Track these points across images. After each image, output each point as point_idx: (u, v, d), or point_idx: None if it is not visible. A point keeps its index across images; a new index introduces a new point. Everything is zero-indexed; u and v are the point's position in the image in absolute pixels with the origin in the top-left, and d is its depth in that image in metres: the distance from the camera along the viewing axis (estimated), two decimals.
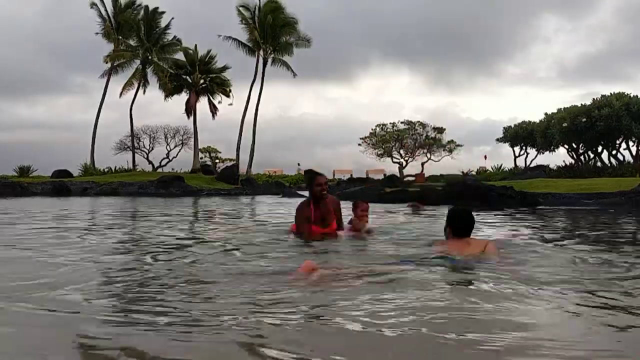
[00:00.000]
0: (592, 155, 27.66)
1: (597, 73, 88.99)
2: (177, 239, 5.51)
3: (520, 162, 34.61)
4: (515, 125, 33.35)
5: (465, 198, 13.30)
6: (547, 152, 30.57)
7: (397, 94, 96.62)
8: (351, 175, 50.15)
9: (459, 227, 3.88)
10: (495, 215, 9.56)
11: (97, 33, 39.01)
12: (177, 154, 46.88)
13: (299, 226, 5.24)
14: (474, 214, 4.05)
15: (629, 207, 12.01)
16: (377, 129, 54.04)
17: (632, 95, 24.87)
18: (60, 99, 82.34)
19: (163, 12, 40.02)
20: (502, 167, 36.90)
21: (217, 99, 41.69)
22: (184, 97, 41.14)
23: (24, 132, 73.99)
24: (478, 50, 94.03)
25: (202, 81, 40.80)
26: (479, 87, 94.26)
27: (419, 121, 53.48)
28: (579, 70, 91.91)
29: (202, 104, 41.47)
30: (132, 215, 10.07)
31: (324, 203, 5.16)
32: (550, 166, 29.66)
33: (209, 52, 41.15)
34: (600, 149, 26.90)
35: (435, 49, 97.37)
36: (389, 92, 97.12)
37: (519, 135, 32.38)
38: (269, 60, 38.47)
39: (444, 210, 11.14)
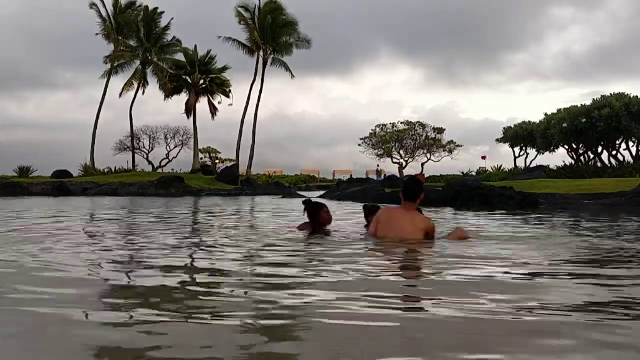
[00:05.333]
0: (592, 156, 27.66)
1: (605, 70, 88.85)
2: (183, 239, 5.51)
3: (520, 163, 34.67)
4: (515, 125, 33.37)
5: (465, 198, 13.31)
6: (547, 152, 30.58)
7: (396, 93, 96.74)
8: (351, 175, 50.23)
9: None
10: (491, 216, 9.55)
11: (97, 34, 39.10)
12: (177, 155, 47.03)
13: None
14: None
15: (628, 207, 12.02)
16: (377, 129, 54.12)
17: (632, 96, 24.87)
18: (55, 98, 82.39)
19: (162, 12, 40.07)
20: (502, 168, 36.94)
21: (217, 99, 41.74)
22: (183, 97, 41.21)
23: (21, 131, 73.97)
24: (480, 47, 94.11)
25: (202, 81, 40.83)
26: (480, 85, 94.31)
27: (418, 122, 53.61)
28: (585, 67, 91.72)
29: (202, 104, 41.53)
30: (139, 216, 10.07)
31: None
32: (550, 167, 29.66)
33: (209, 52, 41.21)
34: (600, 149, 26.90)
35: (437, 46, 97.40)
36: (389, 91, 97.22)
37: (519, 135, 32.39)
38: (269, 61, 38.49)
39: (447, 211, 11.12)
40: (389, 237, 4.61)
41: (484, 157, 42.54)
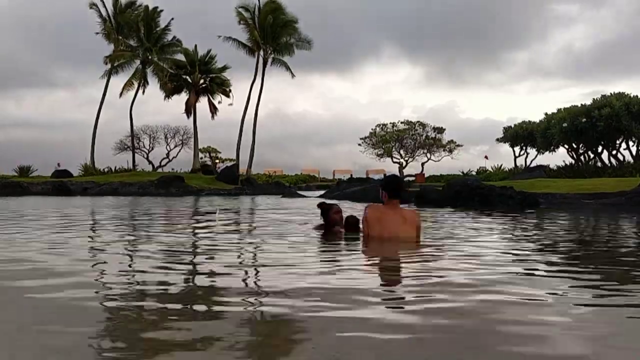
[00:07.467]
0: (592, 155, 27.63)
1: (605, 69, 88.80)
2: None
3: (520, 162, 34.67)
4: (515, 125, 33.36)
5: (465, 198, 13.32)
6: (547, 152, 30.54)
7: (397, 92, 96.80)
8: (351, 175, 50.27)
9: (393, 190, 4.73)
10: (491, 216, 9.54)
11: (97, 33, 39.09)
12: (177, 154, 47.05)
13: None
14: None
15: (628, 207, 12.02)
16: (377, 128, 54.10)
17: (632, 95, 24.85)
18: (54, 97, 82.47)
19: (161, 11, 40.05)
20: (502, 167, 36.95)
21: (217, 99, 41.76)
22: (183, 96, 41.22)
23: (20, 130, 73.95)
24: (480, 47, 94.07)
25: (202, 81, 40.83)
26: (480, 85, 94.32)
27: (419, 121, 53.60)
28: (586, 67, 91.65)
29: (202, 104, 41.54)
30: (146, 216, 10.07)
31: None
32: (550, 166, 29.64)
33: (209, 52, 41.22)
34: (600, 149, 26.86)
35: (437, 45, 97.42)
36: (389, 90, 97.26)
37: (519, 135, 32.37)
38: (269, 60, 38.48)
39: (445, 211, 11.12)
40: (383, 237, 4.60)
41: (486, 157, 42.46)
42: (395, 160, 53.96)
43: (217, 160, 56.02)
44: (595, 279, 3.18)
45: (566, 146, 28.41)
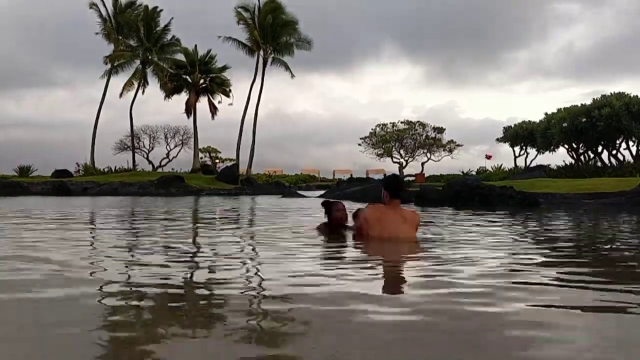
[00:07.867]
0: (592, 155, 27.64)
1: (605, 69, 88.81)
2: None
3: (520, 162, 34.69)
4: (515, 125, 33.37)
5: (465, 198, 13.32)
6: (547, 152, 30.56)
7: (397, 92, 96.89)
8: (351, 175, 50.30)
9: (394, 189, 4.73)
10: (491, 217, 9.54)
11: (97, 33, 39.11)
12: (177, 154, 47.10)
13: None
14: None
15: (628, 206, 12.02)
16: (377, 128, 54.12)
17: (632, 95, 24.86)
18: (54, 97, 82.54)
19: (161, 10, 40.07)
20: (502, 167, 36.96)
21: (217, 98, 41.79)
22: (183, 96, 41.25)
23: (20, 130, 73.97)
24: (481, 47, 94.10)
25: (202, 81, 40.84)
26: (480, 84, 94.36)
27: (419, 121, 53.65)
28: (586, 67, 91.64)
29: (202, 104, 41.55)
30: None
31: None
32: (551, 166, 29.64)
33: (208, 52, 41.24)
34: (600, 148, 26.88)
35: (437, 45, 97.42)
36: (389, 90, 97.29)
37: (519, 135, 32.39)
38: (269, 60, 38.48)
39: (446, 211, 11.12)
40: (383, 237, 4.60)
41: (488, 157, 42.33)
42: (395, 160, 53.99)
43: (217, 160, 56.04)
44: (596, 279, 3.18)
45: (566, 146, 28.42)
